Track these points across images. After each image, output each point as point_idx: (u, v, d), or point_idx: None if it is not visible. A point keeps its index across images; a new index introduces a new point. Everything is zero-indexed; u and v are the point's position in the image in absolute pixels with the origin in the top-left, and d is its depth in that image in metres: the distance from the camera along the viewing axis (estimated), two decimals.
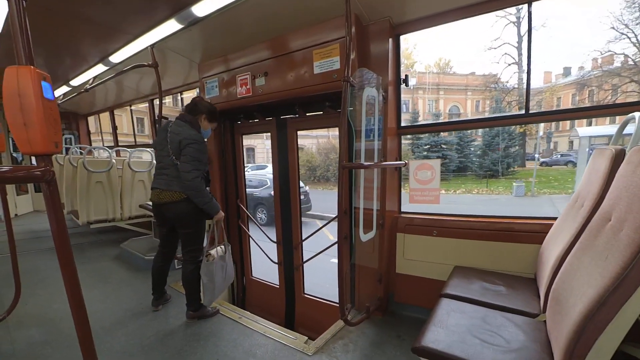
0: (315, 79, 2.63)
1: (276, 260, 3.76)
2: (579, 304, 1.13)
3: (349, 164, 2.06)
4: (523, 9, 2.33)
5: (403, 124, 2.86)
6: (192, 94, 4.99)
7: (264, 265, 4.04)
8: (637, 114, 1.63)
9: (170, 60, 3.79)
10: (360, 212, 2.52)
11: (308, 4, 2.56)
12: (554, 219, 2.15)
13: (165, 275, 2.94)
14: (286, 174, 3.53)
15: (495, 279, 2.16)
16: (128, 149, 5.48)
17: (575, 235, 1.57)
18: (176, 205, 2.50)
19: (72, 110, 7.73)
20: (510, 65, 23.36)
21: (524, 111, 2.44)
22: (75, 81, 4.93)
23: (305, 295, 3.64)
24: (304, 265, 3.60)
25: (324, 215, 10.33)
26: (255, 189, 10.54)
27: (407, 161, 2.75)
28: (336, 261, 2.22)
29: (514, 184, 16.30)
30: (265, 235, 3.95)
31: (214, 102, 3.44)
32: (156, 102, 5.45)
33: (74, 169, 4.95)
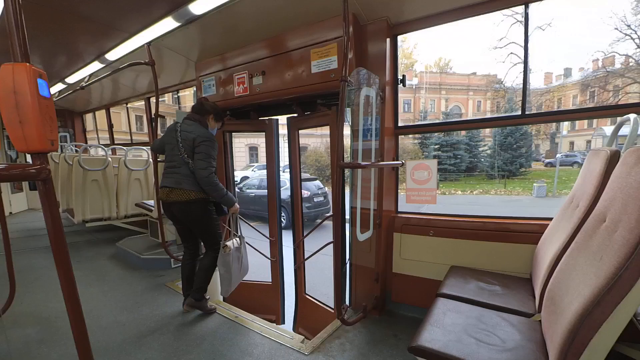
0: (313, 79, 2.63)
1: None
2: (574, 303, 1.14)
3: (345, 164, 2.06)
4: (530, 8, 2.34)
5: (408, 124, 2.86)
6: (189, 93, 4.97)
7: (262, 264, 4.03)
8: (632, 116, 1.65)
9: (167, 58, 3.78)
10: (358, 212, 2.52)
11: (306, 3, 2.55)
12: (550, 219, 2.16)
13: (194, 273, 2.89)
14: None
15: (490, 278, 2.17)
16: (124, 147, 5.45)
17: (571, 236, 1.58)
18: (186, 206, 2.52)
19: (68, 107, 7.68)
20: (516, 64, 23.29)
21: (520, 112, 2.45)
22: (70, 78, 4.90)
23: (305, 295, 3.65)
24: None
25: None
26: None
27: (404, 161, 2.76)
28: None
29: (535, 184, 16.13)
30: (260, 233, 3.95)
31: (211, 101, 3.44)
32: (153, 100, 5.42)
33: (69, 167, 4.92)
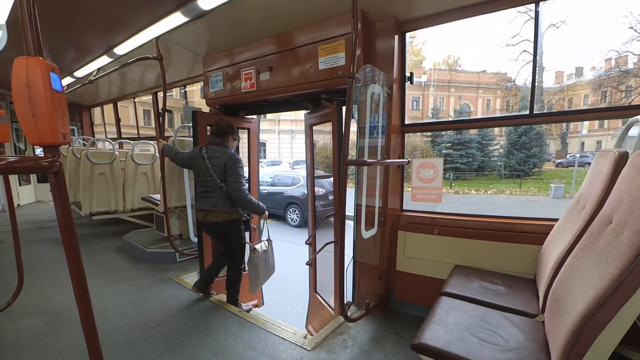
0: (320, 75, 2.63)
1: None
2: (578, 304, 1.14)
3: (351, 161, 2.06)
4: (541, 6, 2.32)
5: (416, 122, 2.85)
6: (196, 87, 5.00)
7: None
8: None
9: (175, 53, 3.79)
10: (363, 209, 2.52)
11: None
12: (555, 220, 2.15)
13: (218, 272, 3.17)
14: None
15: (494, 278, 2.17)
16: (131, 142, 5.49)
17: (576, 237, 1.58)
18: (222, 226, 2.80)
19: (76, 101, 7.75)
20: (528, 62, 22.94)
21: (528, 111, 2.43)
22: (79, 72, 4.94)
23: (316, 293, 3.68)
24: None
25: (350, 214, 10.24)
26: (286, 187, 10.16)
27: (410, 159, 2.75)
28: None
29: (552, 184, 15.85)
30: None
31: (218, 96, 3.47)
32: (160, 95, 5.45)
33: (77, 161, 4.98)
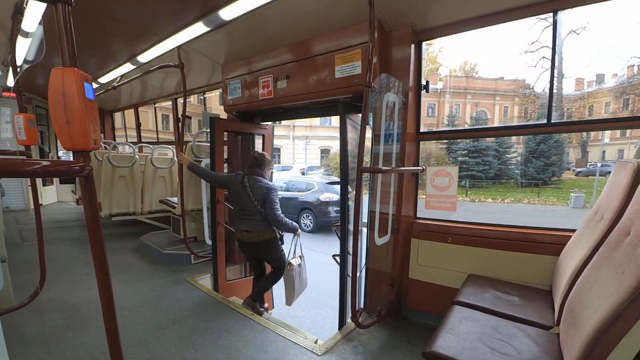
0: (336, 83, 2.67)
1: None
2: (594, 316, 1.13)
3: (366, 168, 2.08)
4: (559, 15, 2.30)
5: (431, 130, 2.86)
6: (214, 94, 5.11)
7: None
8: None
9: (195, 61, 3.91)
10: (376, 216, 2.53)
11: (331, 9, 2.60)
12: (573, 230, 2.12)
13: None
14: None
15: (509, 289, 2.14)
16: (151, 146, 5.65)
17: (594, 248, 1.55)
18: (261, 245, 3.08)
19: (98, 106, 7.99)
20: (547, 69, 22.51)
21: (546, 120, 2.40)
22: (103, 79, 5.13)
23: None
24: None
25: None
26: (300, 193, 10.15)
27: (425, 167, 2.75)
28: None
29: (572, 194, 15.38)
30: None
31: (235, 103, 3.55)
32: (180, 101, 5.60)
33: (98, 163, 5.15)
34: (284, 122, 27.90)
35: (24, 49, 3.25)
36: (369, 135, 2.44)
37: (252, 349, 2.40)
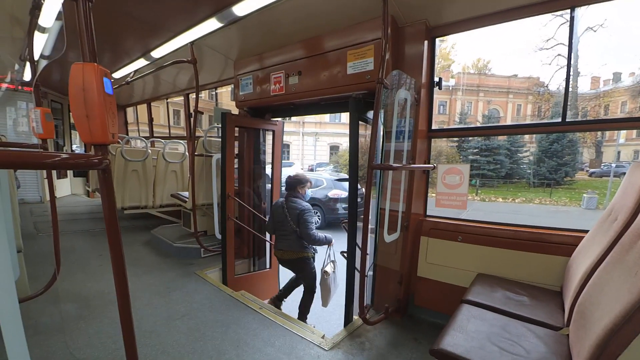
0: (348, 79, 2.66)
1: None
2: (605, 318, 1.12)
3: (377, 165, 2.08)
4: (576, 11, 2.26)
5: (442, 127, 2.83)
6: (226, 90, 5.14)
7: None
8: None
9: (207, 56, 3.93)
10: (386, 213, 2.53)
11: (344, 5, 2.59)
12: (585, 231, 2.09)
13: (291, 291, 3.76)
14: None
15: (519, 289, 2.13)
16: (163, 140, 5.71)
17: (606, 249, 1.53)
18: (296, 262, 3.42)
19: None
20: (563, 67, 21.96)
21: (561, 119, 2.37)
22: (116, 74, 5.20)
23: None
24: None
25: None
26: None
27: (436, 164, 2.74)
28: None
29: (585, 195, 15.11)
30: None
31: (247, 99, 3.57)
32: (192, 96, 5.65)
33: (111, 157, 5.23)
34: (293, 118, 27.94)
35: (40, 44, 3.31)
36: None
37: (260, 342, 2.43)
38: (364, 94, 2.64)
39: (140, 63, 4.49)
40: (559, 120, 2.37)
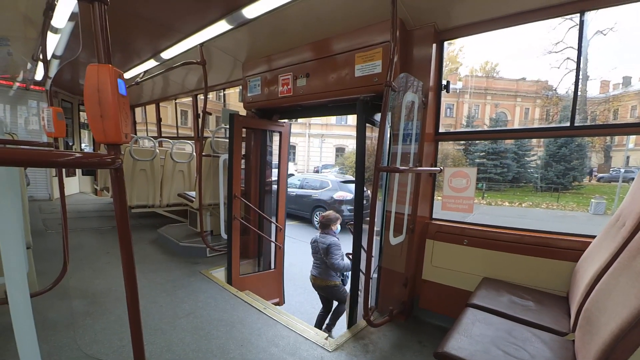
0: (356, 82, 2.67)
1: None
2: (611, 324, 1.11)
3: (384, 167, 2.08)
4: (586, 15, 2.25)
5: (450, 130, 2.83)
6: (234, 91, 5.18)
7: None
8: None
9: (216, 58, 3.97)
10: (392, 216, 2.53)
11: (352, 8, 2.61)
12: (593, 236, 2.08)
13: (324, 321, 4.10)
14: None
15: (524, 293, 2.12)
16: (170, 140, 5.76)
17: (614, 255, 1.52)
18: (327, 289, 3.90)
19: None
20: (572, 71, 21.69)
21: (569, 123, 2.35)
22: (127, 74, 5.26)
23: None
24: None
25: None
26: (314, 190, 10.28)
27: (442, 167, 2.73)
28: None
29: (592, 200, 14.92)
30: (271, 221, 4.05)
31: (255, 100, 3.60)
32: (200, 97, 5.70)
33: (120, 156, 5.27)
34: (300, 120, 27.98)
35: (52, 45, 3.37)
36: (387, 134, 2.44)
37: (264, 341, 2.44)
38: (371, 97, 2.65)
39: (150, 64, 4.54)
40: (567, 124, 2.36)
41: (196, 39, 3.46)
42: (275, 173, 4.20)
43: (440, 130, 2.84)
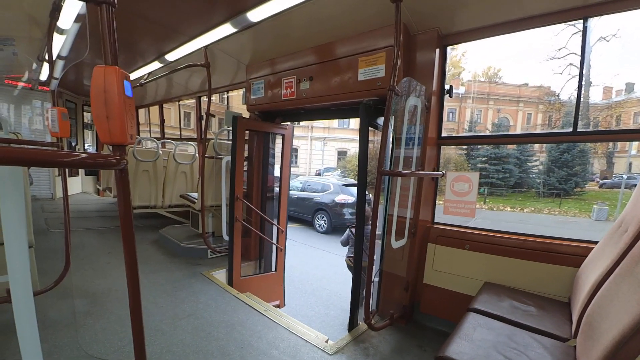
0: (359, 86, 2.69)
1: None
2: (613, 330, 1.11)
3: (386, 171, 2.09)
4: (589, 22, 2.26)
5: (452, 135, 2.83)
6: (237, 93, 5.20)
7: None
8: None
9: (220, 60, 3.99)
10: (394, 219, 2.53)
11: (356, 13, 2.62)
12: (595, 242, 2.07)
13: None
14: None
15: (526, 298, 2.11)
16: (173, 142, 5.79)
17: (616, 261, 1.52)
18: None
19: None
20: (574, 77, 21.73)
21: (572, 129, 2.35)
22: (131, 76, 5.27)
23: None
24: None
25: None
26: (316, 193, 10.26)
27: (445, 172, 2.74)
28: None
29: (595, 206, 14.88)
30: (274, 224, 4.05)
31: (258, 103, 3.62)
32: (203, 99, 5.72)
33: None
34: (302, 123, 28.06)
35: (58, 45, 3.40)
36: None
37: (265, 344, 2.44)
38: (374, 100, 2.66)
39: (155, 66, 4.57)
40: (570, 130, 2.35)
41: (201, 41, 3.48)
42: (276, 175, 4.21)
43: (443, 134, 2.85)
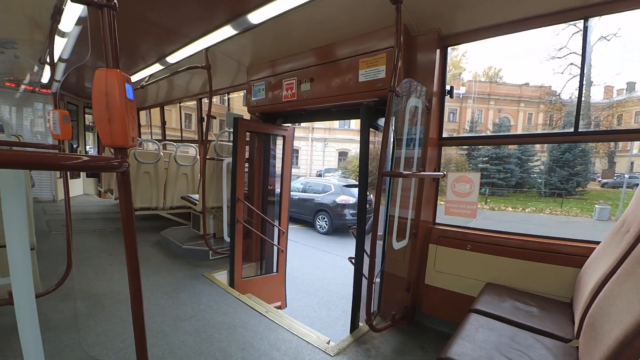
0: (360, 87, 2.69)
1: None
2: (615, 330, 1.11)
3: (387, 172, 2.09)
4: (590, 21, 2.26)
5: (453, 135, 2.83)
6: (237, 95, 5.21)
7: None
8: None
9: (221, 62, 4.00)
10: (395, 220, 2.53)
11: (356, 14, 2.62)
12: (597, 242, 2.07)
13: None
14: None
15: (528, 299, 2.11)
16: (174, 144, 5.80)
17: (618, 261, 1.51)
18: None
19: None
20: (575, 76, 21.73)
21: (573, 129, 2.35)
22: (132, 78, 5.29)
23: None
24: None
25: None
26: (317, 194, 10.31)
27: (446, 172, 2.73)
28: None
29: (597, 206, 14.85)
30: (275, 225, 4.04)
31: (259, 104, 3.62)
32: (204, 101, 5.73)
33: None
34: (303, 124, 28.09)
35: (59, 48, 3.41)
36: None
37: (266, 345, 2.44)
38: (375, 102, 2.66)
39: (156, 68, 4.58)
40: (571, 130, 2.35)
41: (201, 43, 3.49)
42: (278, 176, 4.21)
43: (444, 135, 2.85)
